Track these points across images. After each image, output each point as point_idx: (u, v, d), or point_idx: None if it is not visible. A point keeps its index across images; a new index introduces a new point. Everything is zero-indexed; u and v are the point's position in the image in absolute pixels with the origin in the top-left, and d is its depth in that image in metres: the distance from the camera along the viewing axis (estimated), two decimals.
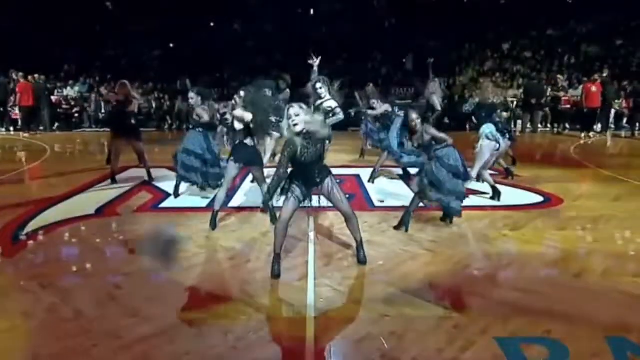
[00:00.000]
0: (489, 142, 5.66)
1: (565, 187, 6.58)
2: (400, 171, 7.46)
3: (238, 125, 4.81)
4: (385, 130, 7.35)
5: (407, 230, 4.66)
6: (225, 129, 5.16)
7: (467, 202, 5.74)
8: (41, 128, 14.65)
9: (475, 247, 4.26)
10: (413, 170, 7.35)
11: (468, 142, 6.39)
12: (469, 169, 4.89)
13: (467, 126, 11.79)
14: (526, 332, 2.79)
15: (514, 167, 7.74)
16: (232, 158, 4.73)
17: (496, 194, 5.77)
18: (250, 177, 6.86)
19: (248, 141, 4.68)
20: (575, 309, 3.07)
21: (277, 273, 3.56)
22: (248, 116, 4.59)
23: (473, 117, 6.02)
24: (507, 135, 5.95)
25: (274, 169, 3.63)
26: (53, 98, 15.65)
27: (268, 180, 4.24)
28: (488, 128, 5.72)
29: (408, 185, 6.41)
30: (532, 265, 3.83)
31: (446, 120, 10.34)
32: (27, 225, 4.85)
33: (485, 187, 6.19)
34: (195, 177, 5.69)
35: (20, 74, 14.04)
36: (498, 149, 5.76)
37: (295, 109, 3.50)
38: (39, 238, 4.50)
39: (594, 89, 13.35)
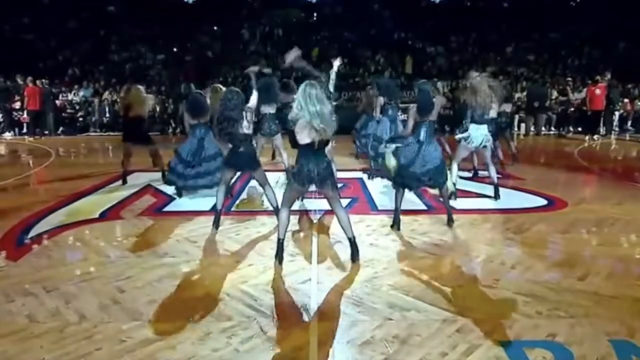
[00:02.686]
0: (464, 142, 5.82)
1: (569, 190, 6.56)
2: None
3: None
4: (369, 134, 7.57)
5: (398, 229, 4.73)
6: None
7: (470, 205, 5.78)
8: (46, 132, 14.74)
9: (479, 250, 4.25)
10: None
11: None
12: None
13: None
14: (530, 335, 2.78)
15: (510, 164, 7.83)
16: (225, 163, 4.83)
17: (453, 194, 5.83)
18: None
19: (243, 147, 4.64)
20: (579, 312, 3.06)
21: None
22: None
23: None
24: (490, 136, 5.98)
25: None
26: (57, 102, 15.73)
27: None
28: (472, 130, 5.77)
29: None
30: (535, 268, 3.82)
31: (446, 128, 10.34)
32: (31, 229, 4.88)
33: (487, 190, 6.18)
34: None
35: (29, 78, 14.15)
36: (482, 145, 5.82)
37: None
38: (44, 242, 4.52)
39: (598, 91, 13.31)
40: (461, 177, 6.33)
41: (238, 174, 5.00)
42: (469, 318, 2.98)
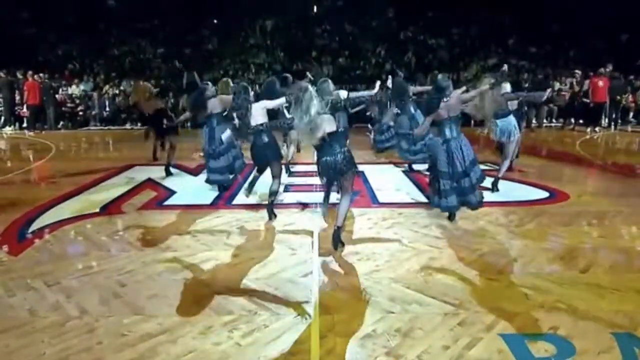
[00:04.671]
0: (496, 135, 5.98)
1: (571, 183, 6.53)
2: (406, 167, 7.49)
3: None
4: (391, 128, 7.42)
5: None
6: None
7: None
8: (46, 127, 14.72)
9: (481, 243, 4.24)
10: (417, 166, 7.34)
11: (473, 137, 6.36)
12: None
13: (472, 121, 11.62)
14: (532, 328, 2.78)
15: (516, 159, 7.73)
16: (251, 157, 4.99)
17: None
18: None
19: (263, 138, 4.77)
20: (581, 305, 3.05)
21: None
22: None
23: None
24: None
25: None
26: (57, 97, 15.69)
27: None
28: (497, 124, 5.89)
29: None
30: (537, 261, 3.81)
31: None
32: (32, 223, 4.88)
33: (487, 183, 6.16)
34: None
35: (30, 72, 14.12)
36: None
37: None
38: (45, 236, 4.52)
39: (600, 83, 13.24)
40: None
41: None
42: (470, 311, 2.97)
